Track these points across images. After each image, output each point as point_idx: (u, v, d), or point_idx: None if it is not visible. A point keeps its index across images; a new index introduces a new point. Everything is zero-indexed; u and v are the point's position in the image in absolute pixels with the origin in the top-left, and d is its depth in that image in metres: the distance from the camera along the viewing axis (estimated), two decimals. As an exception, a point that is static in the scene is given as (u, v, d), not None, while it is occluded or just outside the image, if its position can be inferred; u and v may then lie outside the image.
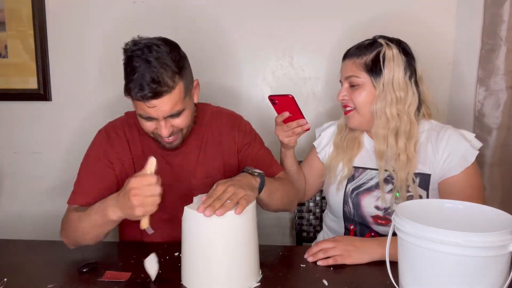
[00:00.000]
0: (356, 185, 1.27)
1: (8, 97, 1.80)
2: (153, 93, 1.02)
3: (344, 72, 1.25)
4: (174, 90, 1.06)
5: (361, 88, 1.21)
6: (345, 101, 1.25)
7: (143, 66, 1.02)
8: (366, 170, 1.27)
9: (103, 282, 0.96)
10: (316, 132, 1.43)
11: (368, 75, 1.20)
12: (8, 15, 1.74)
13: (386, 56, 1.18)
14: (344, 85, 1.25)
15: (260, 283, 0.97)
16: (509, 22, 1.54)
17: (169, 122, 1.10)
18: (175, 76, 1.05)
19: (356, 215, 1.27)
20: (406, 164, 1.18)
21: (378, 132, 1.21)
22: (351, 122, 1.25)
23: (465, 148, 1.16)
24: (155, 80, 1.02)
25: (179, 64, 1.07)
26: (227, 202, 0.93)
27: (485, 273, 0.75)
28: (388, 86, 1.18)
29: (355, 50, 1.24)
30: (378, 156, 1.23)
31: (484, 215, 0.87)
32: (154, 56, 1.03)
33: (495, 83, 1.60)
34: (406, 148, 1.19)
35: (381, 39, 1.22)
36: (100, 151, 1.21)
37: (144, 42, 1.06)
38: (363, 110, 1.21)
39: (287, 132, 1.23)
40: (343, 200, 1.28)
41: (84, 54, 1.76)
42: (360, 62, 1.21)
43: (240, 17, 1.71)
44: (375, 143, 1.23)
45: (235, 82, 1.75)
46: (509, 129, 1.62)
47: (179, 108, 1.09)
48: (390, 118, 1.18)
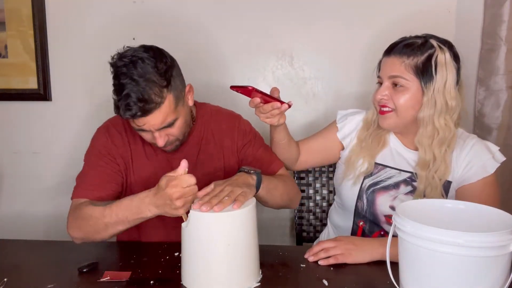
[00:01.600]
0: (374, 181, 1.25)
1: (8, 97, 1.79)
2: (141, 111, 1.02)
3: (389, 70, 1.16)
4: (163, 104, 1.05)
5: (406, 90, 1.14)
6: (384, 101, 1.17)
7: (130, 86, 1.02)
8: (385, 168, 1.26)
9: (103, 282, 0.96)
10: (338, 113, 1.36)
11: (417, 78, 1.13)
12: (8, 15, 1.74)
13: (439, 61, 1.12)
14: (385, 84, 1.17)
15: (260, 283, 0.97)
16: (509, 22, 1.54)
17: (163, 132, 1.10)
18: (163, 90, 1.04)
19: (369, 212, 1.26)
20: (444, 173, 1.16)
21: (423, 141, 1.16)
22: (387, 123, 1.19)
23: (486, 159, 1.15)
24: (141, 99, 1.01)
25: (166, 76, 1.05)
26: (225, 199, 0.94)
27: (485, 273, 0.75)
28: (439, 93, 1.12)
29: (404, 49, 1.15)
30: (422, 166, 1.18)
31: (485, 215, 0.87)
32: (138, 74, 1.02)
33: (495, 83, 1.60)
34: (445, 157, 1.16)
35: (433, 40, 1.15)
36: (102, 147, 1.21)
37: (129, 56, 1.04)
38: (405, 113, 1.15)
39: (265, 114, 1.12)
40: (358, 195, 1.26)
41: (84, 54, 1.76)
42: (409, 63, 1.13)
43: (240, 17, 1.71)
44: (421, 152, 1.18)
45: (235, 82, 1.75)
46: (509, 129, 1.62)
47: (171, 120, 1.09)
48: (438, 127, 1.14)
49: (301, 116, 1.77)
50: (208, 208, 0.91)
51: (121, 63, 1.04)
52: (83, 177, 1.19)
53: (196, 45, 1.70)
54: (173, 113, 1.08)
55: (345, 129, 1.32)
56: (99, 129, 1.26)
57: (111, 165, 1.19)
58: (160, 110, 1.05)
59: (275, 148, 1.30)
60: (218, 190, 0.98)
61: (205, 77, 1.73)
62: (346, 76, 1.73)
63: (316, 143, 1.36)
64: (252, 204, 0.97)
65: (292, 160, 1.35)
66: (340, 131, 1.33)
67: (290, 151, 1.31)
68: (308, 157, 1.37)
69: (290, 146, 1.30)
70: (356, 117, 1.32)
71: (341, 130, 1.32)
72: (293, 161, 1.35)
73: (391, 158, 1.26)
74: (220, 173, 1.26)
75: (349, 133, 1.32)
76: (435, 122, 1.14)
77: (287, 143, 1.27)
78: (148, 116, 1.04)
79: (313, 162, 1.41)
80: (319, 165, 1.46)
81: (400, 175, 1.23)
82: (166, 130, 1.10)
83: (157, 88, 1.03)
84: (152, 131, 1.09)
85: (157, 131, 1.09)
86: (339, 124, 1.33)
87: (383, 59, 1.21)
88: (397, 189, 1.23)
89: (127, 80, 1.02)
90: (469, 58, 1.67)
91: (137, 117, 1.04)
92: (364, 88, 1.71)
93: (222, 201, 0.93)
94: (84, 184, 1.17)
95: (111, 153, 1.20)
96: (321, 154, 1.37)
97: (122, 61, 1.04)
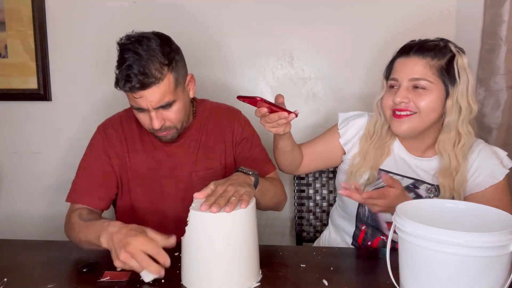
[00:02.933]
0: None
1: (8, 97, 1.80)
2: (140, 84, 1.04)
3: (410, 72, 1.11)
4: (162, 81, 1.07)
5: (429, 93, 1.10)
6: (404, 104, 1.11)
7: (132, 58, 1.04)
8: (388, 174, 1.23)
9: (103, 282, 0.96)
10: (340, 116, 1.33)
11: (441, 80, 1.10)
12: (8, 15, 1.74)
13: (460, 64, 1.10)
14: (404, 85, 1.11)
15: (260, 283, 0.97)
16: (509, 22, 1.54)
17: (160, 114, 1.11)
18: (164, 68, 1.07)
19: (370, 218, 1.24)
20: (462, 183, 1.13)
21: (446, 148, 1.13)
22: (405, 127, 1.12)
23: (494, 165, 1.13)
24: (141, 71, 1.04)
25: (169, 56, 1.08)
26: (232, 199, 0.94)
27: (486, 273, 0.75)
28: (463, 97, 1.09)
29: (425, 50, 1.11)
30: (444, 174, 1.14)
31: (485, 215, 0.87)
32: (143, 49, 1.05)
33: (495, 83, 1.60)
34: (463, 165, 1.13)
35: (451, 44, 1.13)
36: (98, 148, 1.23)
37: (136, 36, 1.08)
38: (427, 116, 1.11)
39: (272, 124, 1.09)
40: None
41: (84, 54, 1.76)
42: (434, 65, 1.10)
43: (240, 17, 1.71)
44: (445, 160, 1.14)
45: (235, 82, 1.75)
46: (509, 129, 1.62)
47: (169, 99, 1.10)
48: (462, 133, 1.11)
49: (301, 116, 1.74)
50: (218, 209, 0.90)
51: (128, 41, 1.07)
52: (75, 180, 1.22)
53: (195, 45, 1.70)
54: (171, 94, 1.10)
55: (347, 134, 1.30)
56: (97, 129, 1.28)
57: (104, 167, 1.21)
58: (158, 86, 1.06)
59: (279, 154, 1.28)
60: (222, 190, 0.96)
61: (205, 77, 1.73)
62: (346, 76, 1.73)
63: (318, 148, 1.34)
64: (252, 204, 0.97)
65: (295, 165, 1.33)
66: (342, 137, 1.30)
67: (293, 157, 1.30)
68: (310, 162, 1.35)
69: (294, 152, 1.28)
70: (358, 122, 1.29)
71: (343, 136, 1.30)
72: (296, 166, 1.34)
73: (394, 164, 1.24)
74: (221, 168, 1.27)
75: (351, 138, 1.29)
76: (459, 128, 1.11)
77: (291, 150, 1.26)
78: (146, 89, 1.06)
79: (315, 166, 1.39)
80: (321, 168, 1.45)
81: (403, 181, 1.21)
82: (163, 112, 1.11)
83: (158, 64, 1.06)
84: (149, 110, 1.09)
85: (154, 111, 1.09)
86: (340, 129, 1.30)
87: (399, 60, 1.15)
88: None
89: (130, 54, 1.05)
90: (469, 58, 1.67)
91: (135, 90, 1.05)
92: (365, 89, 1.71)
93: (230, 202, 0.93)
94: (75, 187, 1.20)
95: (106, 153, 1.22)
96: (323, 159, 1.35)
97: (129, 39, 1.08)
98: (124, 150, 1.23)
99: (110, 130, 1.24)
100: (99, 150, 1.22)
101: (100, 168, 1.21)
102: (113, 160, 1.22)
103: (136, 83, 1.04)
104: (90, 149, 1.24)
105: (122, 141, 1.23)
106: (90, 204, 1.18)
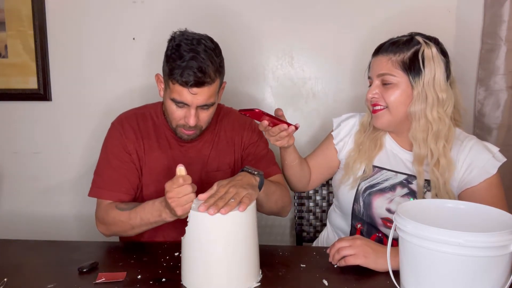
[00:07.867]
0: (370, 184, 1.24)
1: (8, 97, 1.79)
2: (197, 81, 1.09)
3: (377, 69, 1.19)
4: (214, 83, 1.13)
5: (395, 87, 1.15)
6: (375, 99, 1.19)
7: (192, 55, 1.09)
8: (382, 170, 1.25)
9: (103, 283, 0.96)
10: (334, 121, 1.37)
11: (405, 74, 1.14)
12: (8, 15, 1.74)
13: (426, 55, 1.13)
14: (375, 83, 1.19)
15: (260, 283, 0.97)
16: (509, 22, 1.54)
17: (197, 113, 1.15)
18: (216, 71, 1.13)
19: (365, 215, 1.25)
20: (446, 169, 1.14)
21: (417, 136, 1.16)
22: (380, 122, 1.20)
23: (486, 159, 1.14)
24: (201, 70, 1.09)
25: (220, 62, 1.16)
26: (231, 201, 0.94)
27: (486, 273, 0.75)
28: (429, 86, 1.13)
29: (390, 47, 1.17)
30: (417, 161, 1.17)
31: (485, 215, 0.87)
32: (202, 49, 1.11)
33: (495, 83, 1.60)
34: (445, 152, 1.15)
35: (419, 37, 1.17)
36: (118, 144, 1.24)
37: (193, 35, 1.14)
38: (396, 110, 1.16)
39: (275, 137, 1.14)
40: (354, 197, 1.26)
41: (84, 54, 1.76)
42: (396, 60, 1.15)
43: (240, 17, 1.71)
44: (415, 147, 1.17)
45: (235, 82, 1.75)
46: (509, 129, 1.62)
47: (212, 101, 1.15)
48: (431, 121, 1.14)
49: (301, 116, 1.77)
50: (215, 211, 0.90)
51: (185, 37, 1.12)
52: (102, 175, 1.23)
53: (196, 45, 1.70)
54: (215, 96, 1.16)
55: (340, 135, 1.34)
56: (113, 124, 1.28)
57: (128, 164, 1.23)
58: (209, 87, 1.12)
59: (288, 171, 1.30)
60: (223, 192, 0.96)
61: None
62: (346, 76, 1.73)
63: (319, 159, 1.37)
64: (252, 204, 0.97)
65: (305, 181, 1.36)
66: (335, 138, 1.34)
67: (302, 172, 1.33)
68: (317, 175, 1.38)
69: (302, 167, 1.32)
70: (350, 121, 1.34)
71: (336, 137, 1.34)
72: (306, 182, 1.37)
73: (387, 160, 1.26)
74: (230, 169, 1.31)
75: (343, 137, 1.33)
76: (427, 115, 1.14)
77: (299, 164, 1.29)
78: (200, 87, 1.10)
79: (322, 178, 1.41)
80: (328, 178, 1.44)
81: (396, 177, 1.23)
82: (201, 111, 1.16)
83: (214, 67, 1.12)
84: (190, 107, 1.13)
85: (195, 109, 1.14)
86: (334, 132, 1.35)
87: (372, 59, 1.23)
88: (393, 192, 1.22)
89: (190, 51, 1.09)
90: (469, 58, 1.67)
91: (189, 86, 1.09)
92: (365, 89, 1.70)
93: (228, 204, 0.93)
94: (103, 183, 1.22)
95: (126, 149, 1.24)
96: (326, 168, 1.37)
97: (185, 36, 1.13)
98: (141, 147, 1.25)
99: (126, 125, 1.26)
100: (120, 145, 1.23)
101: (123, 164, 1.23)
102: (133, 154, 1.24)
103: (194, 79, 1.08)
104: (109, 145, 1.25)
105: (139, 138, 1.25)
106: (117, 199, 1.20)
